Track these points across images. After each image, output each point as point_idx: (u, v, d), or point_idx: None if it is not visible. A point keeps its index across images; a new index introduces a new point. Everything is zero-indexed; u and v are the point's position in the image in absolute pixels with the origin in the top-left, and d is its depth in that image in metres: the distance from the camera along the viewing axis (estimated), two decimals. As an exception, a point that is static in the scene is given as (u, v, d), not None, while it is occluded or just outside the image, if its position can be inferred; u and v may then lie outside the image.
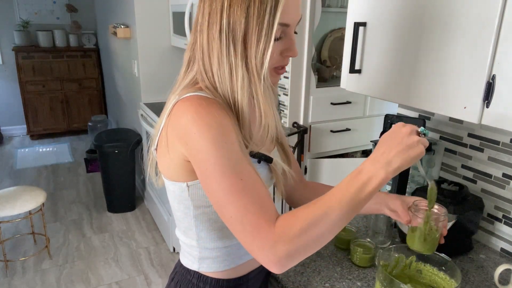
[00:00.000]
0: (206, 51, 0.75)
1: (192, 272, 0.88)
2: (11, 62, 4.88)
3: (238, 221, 0.67)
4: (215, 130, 0.69)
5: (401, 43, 1.00)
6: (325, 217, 0.66)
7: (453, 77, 0.88)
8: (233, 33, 0.72)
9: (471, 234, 1.21)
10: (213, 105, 0.71)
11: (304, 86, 2.10)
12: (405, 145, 0.69)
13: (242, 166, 0.70)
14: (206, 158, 0.69)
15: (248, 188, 0.68)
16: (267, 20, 0.71)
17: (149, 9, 2.86)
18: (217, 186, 0.68)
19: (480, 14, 0.81)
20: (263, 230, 0.66)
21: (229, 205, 0.68)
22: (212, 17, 0.73)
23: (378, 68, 1.08)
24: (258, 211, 0.67)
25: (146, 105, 2.95)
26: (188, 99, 0.73)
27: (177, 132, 0.72)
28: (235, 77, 0.74)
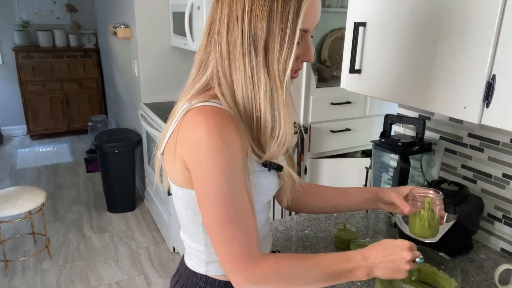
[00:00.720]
0: (225, 55, 0.72)
1: (199, 275, 0.86)
2: (11, 62, 4.88)
3: (223, 246, 0.71)
4: (224, 158, 0.68)
5: (401, 43, 1.00)
6: (303, 276, 0.73)
7: (453, 77, 0.88)
8: (254, 38, 0.70)
9: (471, 234, 1.21)
10: (227, 123, 0.69)
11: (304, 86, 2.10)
12: (396, 267, 0.75)
13: (241, 197, 0.72)
14: (209, 183, 0.70)
15: (241, 219, 0.71)
16: (290, 26, 0.69)
17: (149, 9, 2.86)
18: (212, 210, 0.71)
19: (480, 14, 0.81)
20: (245, 262, 0.71)
21: (219, 230, 0.71)
22: (231, 20, 0.70)
23: (378, 68, 1.08)
24: (244, 243, 0.71)
25: (146, 105, 2.95)
26: (201, 110, 0.71)
27: (186, 145, 0.71)
28: (257, 83, 0.71)
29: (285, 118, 0.75)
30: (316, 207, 1.06)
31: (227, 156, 0.68)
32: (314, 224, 1.33)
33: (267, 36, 0.70)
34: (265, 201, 0.86)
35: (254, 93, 0.72)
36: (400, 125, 1.52)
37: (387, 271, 0.74)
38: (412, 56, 0.98)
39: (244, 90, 0.72)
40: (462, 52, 0.86)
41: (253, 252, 0.72)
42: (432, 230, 0.90)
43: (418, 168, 1.33)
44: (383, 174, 1.41)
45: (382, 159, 1.40)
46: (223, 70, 0.73)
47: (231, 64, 0.72)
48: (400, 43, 1.00)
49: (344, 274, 0.74)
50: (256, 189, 0.78)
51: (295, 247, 1.20)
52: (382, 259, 0.74)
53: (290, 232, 1.28)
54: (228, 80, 0.73)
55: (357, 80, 1.15)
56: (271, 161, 0.78)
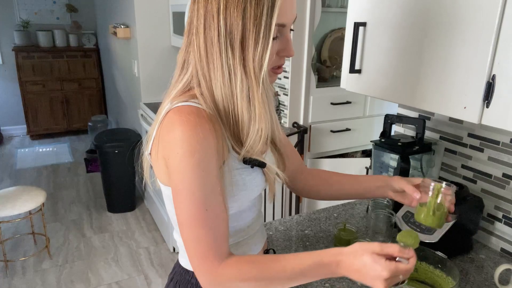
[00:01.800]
0: (203, 55, 0.73)
1: (191, 273, 0.88)
2: (11, 62, 4.88)
3: (191, 244, 0.73)
4: (197, 157, 0.69)
5: (401, 43, 1.00)
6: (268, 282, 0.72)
7: (453, 77, 0.88)
8: (230, 36, 0.70)
9: (471, 234, 1.21)
10: (203, 122, 0.71)
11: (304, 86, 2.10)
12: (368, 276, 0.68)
13: (212, 197, 0.72)
14: (181, 182, 0.71)
15: (210, 220, 0.72)
16: (264, 22, 0.70)
17: (149, 9, 2.86)
18: (184, 208, 0.72)
19: (480, 14, 0.81)
20: (208, 262, 0.72)
21: (188, 228, 0.72)
22: (208, 20, 0.71)
23: (378, 68, 1.08)
24: (211, 244, 0.72)
25: (146, 105, 2.95)
26: (179, 110, 0.73)
27: (164, 144, 0.73)
28: (234, 80, 0.73)
29: (260, 115, 0.75)
30: (327, 193, 1.06)
31: (200, 156, 0.70)
32: (314, 224, 1.33)
33: (242, 33, 0.70)
34: (252, 198, 0.86)
35: (231, 91, 0.74)
36: (400, 125, 1.52)
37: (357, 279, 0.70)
38: (412, 56, 0.98)
39: (222, 88, 0.73)
40: (462, 52, 0.86)
41: (219, 252, 0.73)
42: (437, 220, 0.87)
43: (418, 168, 1.33)
44: (383, 174, 1.41)
45: (382, 159, 1.40)
46: (202, 70, 0.75)
47: (209, 63, 0.73)
48: (400, 43, 1.00)
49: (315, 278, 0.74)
50: (240, 187, 0.79)
51: (295, 247, 1.20)
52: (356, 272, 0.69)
53: (290, 232, 1.28)
54: (207, 79, 0.75)
55: (357, 80, 1.15)
56: (252, 158, 0.78)
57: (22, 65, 4.74)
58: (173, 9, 2.75)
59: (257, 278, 0.72)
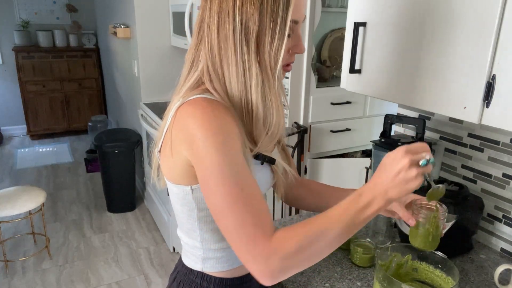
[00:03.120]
0: (216, 51, 0.73)
1: (196, 272, 0.87)
2: (11, 62, 4.88)
3: (235, 230, 0.67)
4: (220, 137, 0.68)
5: (401, 43, 1.00)
6: (322, 235, 0.67)
7: (453, 77, 0.88)
8: (246, 32, 0.71)
9: (471, 234, 1.21)
10: (219, 109, 0.70)
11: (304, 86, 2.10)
12: (403, 179, 0.68)
13: (244, 176, 0.69)
14: (209, 165, 0.68)
15: (248, 199, 0.68)
16: (280, 17, 0.71)
17: (149, 9, 2.86)
18: (217, 194, 0.68)
19: (480, 14, 0.81)
20: (259, 242, 0.66)
21: (227, 214, 0.68)
22: (222, 16, 0.71)
23: (378, 68, 1.08)
24: (256, 223, 0.67)
25: (146, 105, 2.95)
26: (193, 102, 0.72)
27: (182, 136, 0.72)
28: (249, 76, 0.73)
29: (277, 109, 0.76)
30: (315, 205, 1.04)
31: (222, 136, 0.68)
32: (314, 224, 1.33)
33: (258, 29, 0.71)
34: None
35: (245, 86, 0.73)
36: (400, 125, 1.52)
37: (400, 188, 0.68)
38: (412, 56, 0.98)
39: (236, 83, 0.73)
40: (462, 52, 0.86)
41: (267, 230, 0.67)
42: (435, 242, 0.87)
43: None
44: (383, 174, 1.41)
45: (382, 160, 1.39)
46: (214, 66, 0.74)
47: (223, 59, 0.73)
48: (400, 43, 1.00)
49: (362, 212, 0.69)
50: None
51: (295, 247, 1.20)
52: (388, 179, 0.69)
53: (290, 232, 1.28)
54: (220, 75, 0.74)
55: (357, 80, 1.15)
56: (263, 154, 0.79)
57: (22, 65, 4.74)
58: (173, 9, 2.75)
59: (310, 239, 0.67)
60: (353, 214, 0.69)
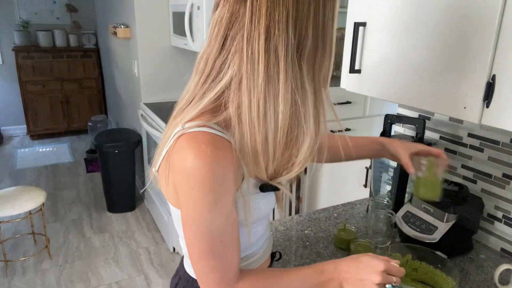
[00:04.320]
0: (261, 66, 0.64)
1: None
2: (11, 62, 4.88)
3: (203, 272, 0.72)
4: (213, 196, 0.65)
5: (401, 43, 1.00)
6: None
7: (453, 77, 0.88)
8: (298, 46, 0.65)
9: (471, 234, 1.21)
10: (219, 154, 0.64)
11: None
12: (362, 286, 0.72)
13: (226, 229, 0.70)
14: (196, 216, 0.68)
15: (224, 250, 0.71)
16: (329, 32, 0.67)
17: (149, 9, 2.86)
18: (196, 241, 0.70)
19: (480, 14, 0.81)
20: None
21: (200, 259, 0.71)
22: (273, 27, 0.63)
23: (378, 68, 1.08)
24: (223, 272, 0.72)
25: (146, 105, 2.95)
26: (193, 138, 0.65)
27: (176, 174, 0.67)
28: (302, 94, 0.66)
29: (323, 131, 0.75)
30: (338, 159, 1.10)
31: (217, 192, 0.65)
32: (314, 224, 1.33)
33: (311, 44, 0.66)
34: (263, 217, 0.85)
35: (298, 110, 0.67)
36: (400, 125, 1.52)
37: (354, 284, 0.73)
38: (412, 56, 0.98)
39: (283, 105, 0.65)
40: (462, 52, 0.86)
41: (231, 277, 0.73)
42: (436, 191, 0.93)
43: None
44: (383, 174, 1.41)
45: (382, 159, 1.39)
46: (253, 85, 0.64)
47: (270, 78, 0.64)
48: (400, 43, 1.00)
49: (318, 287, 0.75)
50: (253, 210, 0.77)
51: (295, 247, 1.20)
52: (351, 276, 0.73)
53: (290, 232, 1.28)
54: (260, 94, 0.64)
55: (357, 80, 1.15)
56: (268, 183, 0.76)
57: (22, 65, 4.74)
58: (173, 9, 2.75)
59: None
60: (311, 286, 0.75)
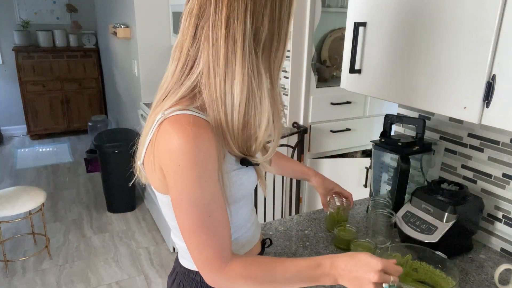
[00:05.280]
0: (222, 52, 0.70)
1: (195, 271, 0.88)
2: (11, 62, 4.88)
3: (197, 249, 0.73)
4: (199, 169, 0.69)
5: (401, 43, 1.00)
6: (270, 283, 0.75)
7: (453, 77, 0.88)
8: (255, 36, 0.71)
9: (471, 234, 1.21)
10: (203, 133, 0.69)
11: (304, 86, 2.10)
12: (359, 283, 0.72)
13: (214, 204, 0.73)
14: (183, 192, 0.70)
15: (215, 225, 0.73)
16: (285, 26, 0.74)
17: (149, 9, 2.86)
18: (187, 218, 0.72)
19: (480, 14, 0.81)
20: (214, 265, 0.73)
21: (192, 235, 0.73)
22: (232, 17, 0.69)
23: (378, 68, 1.08)
24: (216, 247, 0.73)
25: (146, 105, 2.95)
26: (176, 120, 0.70)
27: (162, 156, 0.71)
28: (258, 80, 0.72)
29: (279, 113, 0.79)
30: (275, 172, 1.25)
31: (202, 167, 0.69)
32: (314, 224, 1.33)
33: (267, 35, 0.72)
34: (248, 195, 0.88)
35: (252, 90, 0.72)
36: (400, 125, 1.52)
37: (351, 286, 0.74)
38: (412, 56, 0.98)
39: (241, 87, 0.71)
40: (462, 52, 0.86)
41: (225, 254, 0.74)
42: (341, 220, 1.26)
43: (418, 168, 1.33)
44: (383, 174, 1.41)
45: (382, 159, 1.39)
46: (217, 67, 0.71)
47: (228, 61, 0.70)
48: (400, 43, 1.00)
49: (312, 279, 0.76)
50: (238, 186, 0.80)
51: (295, 247, 1.20)
52: (348, 273, 0.73)
53: (290, 232, 1.28)
54: (221, 77, 0.71)
55: (357, 80, 1.15)
56: (247, 158, 0.80)
57: (22, 65, 4.74)
58: (173, 9, 2.75)
59: (260, 277, 0.74)
60: (305, 278, 0.75)
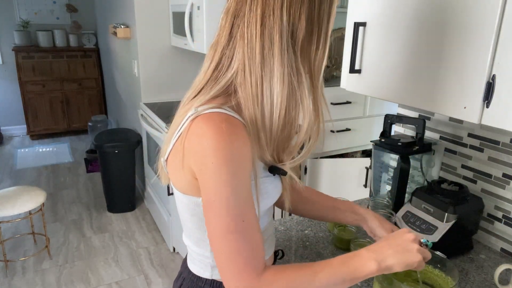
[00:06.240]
0: (258, 50, 0.67)
1: (204, 280, 0.85)
2: (11, 62, 4.88)
3: (228, 258, 0.68)
4: (232, 167, 0.66)
5: (401, 43, 1.00)
6: (309, 286, 0.69)
7: (453, 77, 0.88)
8: (293, 34, 0.68)
9: (471, 234, 1.21)
10: (237, 131, 0.67)
11: (304, 86, 2.09)
12: (403, 248, 0.72)
13: (247, 207, 0.69)
14: (216, 193, 0.67)
15: (247, 231, 0.68)
16: (325, 26, 0.71)
17: (149, 9, 2.86)
18: (219, 221, 0.67)
19: (480, 14, 0.81)
20: (246, 277, 0.67)
21: (224, 241, 0.68)
22: (267, 13, 0.66)
23: (378, 68, 1.08)
24: (249, 256, 0.68)
25: (146, 105, 2.95)
26: (208, 118, 0.67)
27: (194, 154, 0.69)
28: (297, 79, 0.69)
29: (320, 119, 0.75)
30: (311, 214, 1.08)
31: (235, 166, 0.66)
32: (314, 224, 1.33)
33: (305, 34, 0.69)
34: (270, 205, 0.85)
35: (292, 90, 0.69)
36: (400, 125, 1.52)
37: (398, 257, 0.71)
38: (412, 56, 0.98)
39: (281, 87, 0.68)
40: (462, 52, 0.86)
41: (258, 265, 0.68)
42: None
43: (418, 168, 1.33)
44: (383, 174, 1.41)
45: (382, 159, 1.40)
46: (253, 66, 0.68)
47: (266, 59, 0.68)
48: (400, 43, 1.00)
49: (353, 272, 0.70)
50: (263, 195, 0.77)
51: (295, 247, 1.20)
52: (388, 247, 0.72)
53: (290, 232, 1.28)
54: (258, 76, 0.68)
55: (357, 80, 1.15)
56: (276, 166, 0.77)
57: (22, 65, 4.74)
58: (173, 9, 2.75)
59: (298, 283, 0.69)
60: (344, 273, 0.70)
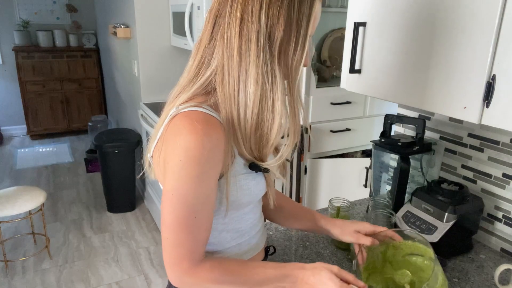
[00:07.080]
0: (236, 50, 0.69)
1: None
2: (11, 62, 4.88)
3: (171, 246, 0.73)
4: (198, 169, 0.68)
5: (401, 43, 1.00)
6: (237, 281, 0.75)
7: (453, 77, 0.88)
8: (270, 36, 0.69)
9: (471, 234, 1.21)
10: (210, 131, 0.68)
11: (304, 86, 2.10)
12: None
13: (204, 206, 0.72)
14: (177, 186, 0.69)
15: (196, 227, 0.72)
16: (303, 29, 0.70)
17: (149, 9, 2.86)
18: (172, 211, 0.71)
19: (480, 14, 0.81)
20: (184, 265, 0.73)
21: (172, 230, 0.72)
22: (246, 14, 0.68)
23: (378, 68, 1.08)
24: (190, 249, 0.73)
25: (146, 105, 2.95)
26: (186, 116, 0.69)
27: (167, 148, 0.71)
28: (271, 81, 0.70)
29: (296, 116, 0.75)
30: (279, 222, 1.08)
31: (201, 168, 0.68)
32: (314, 224, 1.33)
33: (283, 36, 0.69)
34: (255, 201, 0.86)
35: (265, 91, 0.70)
36: (400, 125, 1.52)
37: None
38: (412, 56, 0.98)
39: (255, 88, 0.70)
40: (462, 52, 0.86)
41: (196, 257, 0.74)
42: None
43: (418, 168, 1.33)
44: (383, 174, 1.41)
45: (382, 159, 1.40)
46: (230, 65, 0.70)
47: (242, 59, 0.69)
48: (400, 43, 1.00)
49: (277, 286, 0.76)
50: (245, 191, 0.79)
51: (295, 247, 1.20)
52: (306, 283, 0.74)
53: (290, 232, 1.28)
54: (235, 76, 0.70)
55: (357, 80, 1.15)
56: (256, 163, 0.78)
57: (22, 65, 4.74)
58: (173, 9, 2.75)
59: (227, 282, 0.75)
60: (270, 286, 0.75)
